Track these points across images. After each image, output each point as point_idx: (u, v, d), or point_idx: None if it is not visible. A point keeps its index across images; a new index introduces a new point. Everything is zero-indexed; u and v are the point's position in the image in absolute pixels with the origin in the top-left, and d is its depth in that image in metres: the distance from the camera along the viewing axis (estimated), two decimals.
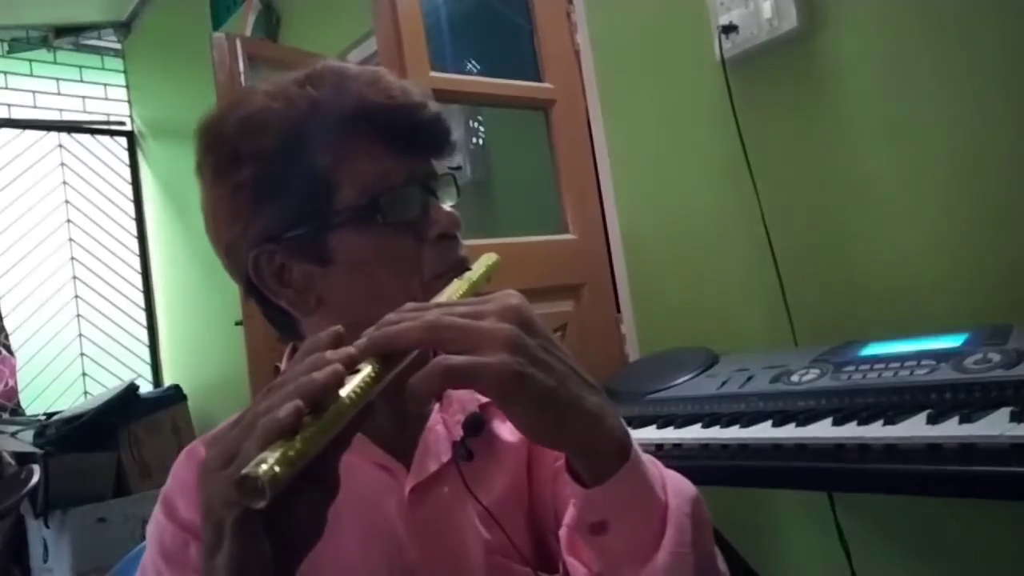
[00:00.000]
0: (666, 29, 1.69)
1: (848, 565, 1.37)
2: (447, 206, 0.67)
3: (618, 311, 1.86)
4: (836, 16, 1.40)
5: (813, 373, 1.15)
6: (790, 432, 1.01)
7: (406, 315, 0.50)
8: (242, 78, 2.43)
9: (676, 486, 0.56)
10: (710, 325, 1.61)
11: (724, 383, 1.25)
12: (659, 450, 1.12)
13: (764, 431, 1.04)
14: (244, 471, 0.40)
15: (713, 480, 1.05)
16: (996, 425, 0.82)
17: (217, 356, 3.77)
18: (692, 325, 1.65)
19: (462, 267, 0.65)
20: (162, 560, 0.63)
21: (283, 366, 0.71)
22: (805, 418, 1.02)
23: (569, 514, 0.64)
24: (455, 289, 0.59)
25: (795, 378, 1.16)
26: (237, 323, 2.39)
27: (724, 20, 1.55)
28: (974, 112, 1.23)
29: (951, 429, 0.85)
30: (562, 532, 0.64)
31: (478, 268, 0.63)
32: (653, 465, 0.56)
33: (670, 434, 1.14)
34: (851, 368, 1.12)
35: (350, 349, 0.47)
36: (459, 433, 0.68)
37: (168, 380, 4.35)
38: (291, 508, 0.45)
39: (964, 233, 1.25)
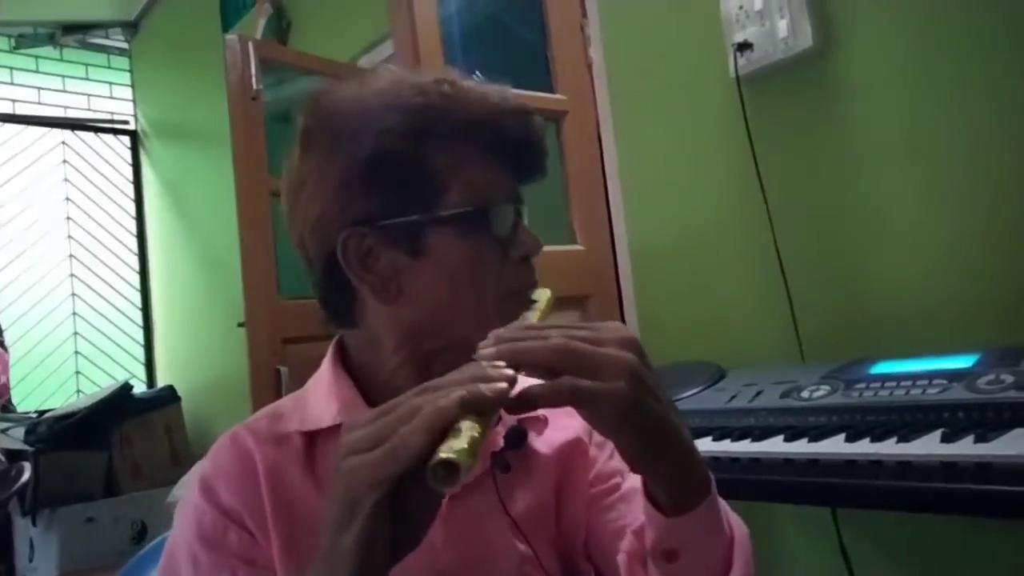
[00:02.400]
0: (681, 45, 1.70)
1: None
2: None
3: (623, 323, 1.86)
4: (851, 35, 1.41)
5: (824, 389, 1.16)
6: (802, 447, 1.01)
7: (528, 334, 0.53)
8: (253, 81, 2.43)
9: (736, 520, 0.61)
10: (716, 340, 1.62)
11: (733, 397, 1.25)
12: None
13: (776, 445, 1.04)
14: (445, 456, 0.44)
15: (723, 493, 1.04)
16: (1013, 445, 0.83)
17: (215, 358, 3.75)
18: (698, 339, 1.65)
19: (533, 290, 0.68)
20: (200, 544, 0.63)
21: (329, 358, 0.72)
22: (817, 434, 1.03)
23: (629, 541, 0.66)
24: (531, 319, 0.64)
25: (805, 394, 1.16)
26: (240, 325, 2.37)
27: (739, 38, 1.56)
28: (988, 133, 1.24)
29: (967, 448, 0.85)
30: (621, 558, 0.65)
31: (541, 301, 0.67)
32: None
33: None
34: (862, 385, 1.12)
35: (509, 371, 0.50)
36: (499, 444, 0.68)
37: (162, 381, 4.33)
38: (411, 500, 0.47)
39: (975, 254, 1.26)
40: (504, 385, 0.49)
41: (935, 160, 1.31)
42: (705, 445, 1.11)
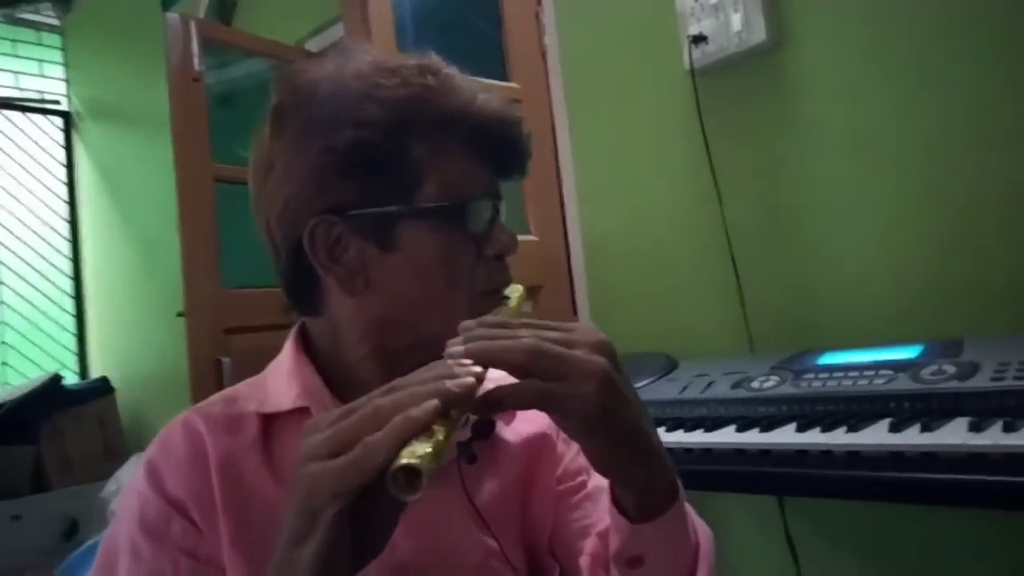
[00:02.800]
0: (636, 35, 1.70)
1: (796, 570, 1.39)
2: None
3: (574, 313, 1.86)
4: (802, 31, 1.43)
5: (773, 380, 1.17)
6: (754, 437, 1.02)
7: (499, 332, 0.51)
8: (195, 62, 2.35)
9: (701, 524, 0.61)
10: (667, 329, 1.63)
11: (685, 388, 1.26)
12: None
13: (728, 436, 1.05)
14: (407, 462, 0.41)
15: None
16: (956, 434, 0.85)
17: (152, 348, 3.63)
18: (649, 329, 1.66)
19: (506, 288, 0.66)
20: (141, 533, 0.60)
21: (291, 343, 0.69)
22: (768, 424, 1.04)
23: (593, 544, 0.65)
24: (511, 314, 0.63)
25: (755, 384, 1.17)
26: (179, 314, 2.29)
27: (694, 30, 1.56)
28: (932, 129, 1.28)
29: (913, 438, 0.87)
30: (584, 560, 0.65)
31: (513, 298, 0.66)
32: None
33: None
34: (810, 376, 1.14)
35: (477, 368, 0.48)
36: (466, 434, 0.66)
37: (95, 372, 4.17)
38: (374, 508, 0.45)
39: (918, 248, 1.29)
40: (472, 381, 0.47)
41: (880, 156, 1.34)
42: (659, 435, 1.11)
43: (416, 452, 0.42)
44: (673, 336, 1.60)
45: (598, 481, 0.75)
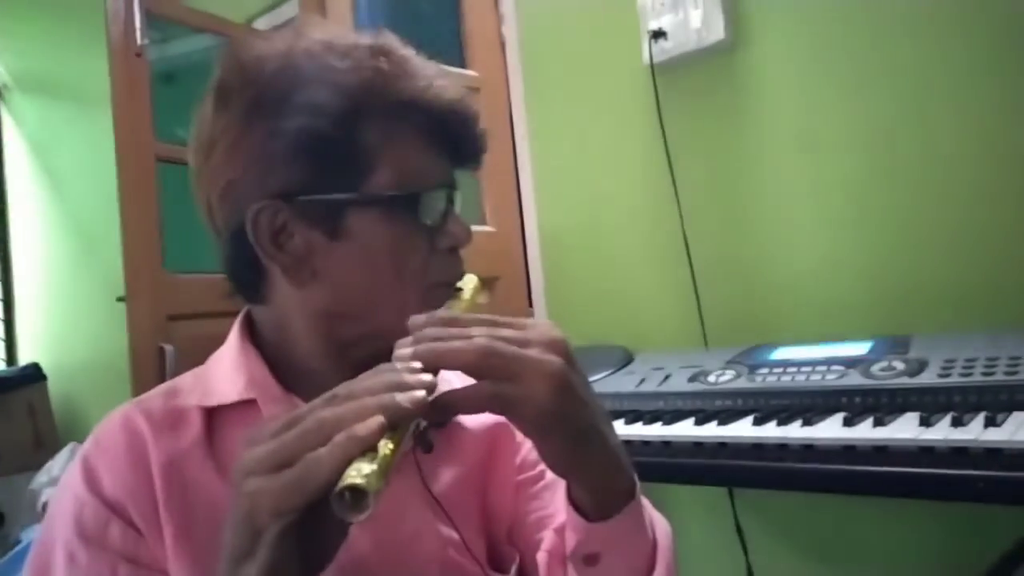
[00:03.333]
0: (596, 28, 1.70)
1: (744, 560, 1.43)
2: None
3: (530, 306, 1.86)
4: (760, 32, 1.46)
5: (729, 374, 1.19)
6: (712, 430, 1.03)
7: (450, 332, 0.49)
8: (138, 35, 2.25)
9: (659, 520, 0.61)
10: (623, 322, 1.64)
11: (642, 381, 1.27)
12: None
13: (686, 429, 1.06)
14: (353, 482, 0.39)
15: None
16: (907, 429, 0.88)
17: (88, 334, 3.48)
18: (605, 322, 1.67)
19: (459, 280, 0.65)
20: (79, 540, 0.56)
21: (236, 331, 0.66)
22: (725, 417, 1.06)
23: (551, 540, 0.65)
24: (455, 309, 0.61)
25: (712, 378, 1.20)
26: (119, 299, 2.20)
27: (654, 25, 1.57)
28: (878, 132, 1.31)
29: (866, 432, 0.90)
30: (541, 557, 0.64)
31: (467, 289, 0.64)
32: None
33: None
34: (765, 370, 1.16)
35: (428, 377, 0.46)
36: (421, 422, 0.65)
37: (25, 358, 3.99)
38: (320, 522, 0.43)
39: (868, 247, 1.33)
40: (422, 394, 0.45)
41: (832, 156, 1.37)
42: (617, 428, 1.11)
43: (362, 471, 0.40)
44: (628, 329, 1.61)
45: None
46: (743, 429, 1.01)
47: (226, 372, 0.64)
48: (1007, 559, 1.10)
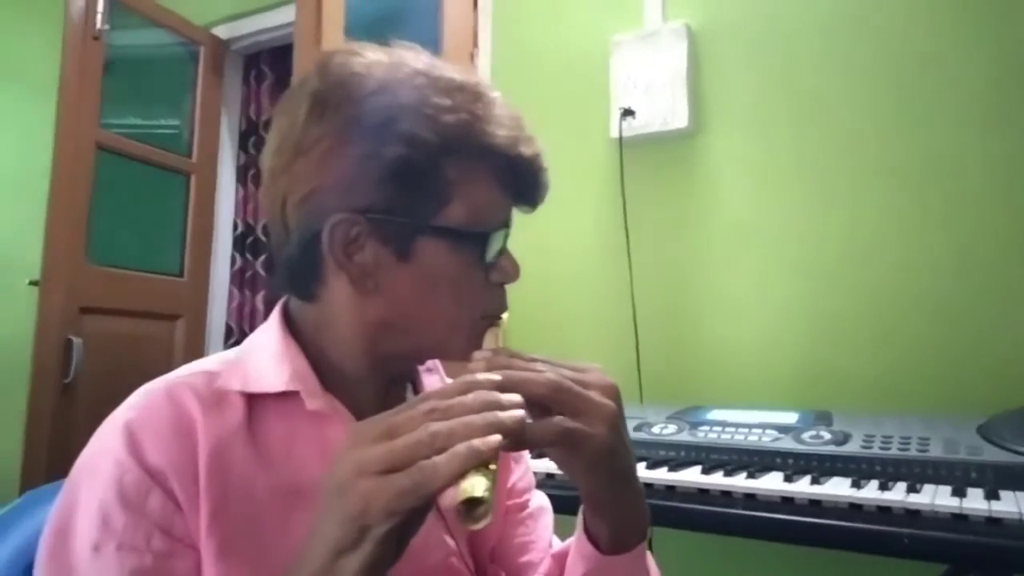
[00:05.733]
0: (568, 97, 1.83)
1: None
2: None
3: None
4: (718, 125, 1.63)
5: (672, 427, 1.29)
6: (662, 475, 1.12)
7: (517, 363, 0.55)
8: (99, 19, 2.20)
9: (651, 560, 0.67)
10: None
11: None
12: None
13: (639, 471, 1.14)
14: (479, 495, 0.44)
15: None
16: (839, 488, 1.00)
17: None
18: None
19: (503, 313, 0.69)
20: (119, 504, 0.56)
21: (276, 323, 0.68)
22: (675, 464, 1.15)
23: (547, 565, 0.70)
24: (493, 338, 0.66)
25: (656, 430, 1.29)
26: (32, 283, 2.09)
27: (625, 104, 1.72)
28: (813, 229, 1.50)
29: (804, 487, 1.01)
30: None
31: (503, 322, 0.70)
32: None
33: (543, 465, 1.21)
34: (706, 428, 1.27)
35: (518, 398, 0.50)
36: None
37: None
38: (411, 524, 0.46)
39: (797, 330, 1.49)
40: (523, 415, 0.49)
41: (771, 244, 1.54)
42: None
43: (481, 483, 0.44)
44: None
45: (539, 502, 0.81)
46: (692, 476, 1.10)
47: (267, 361, 0.65)
48: None
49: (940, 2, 1.43)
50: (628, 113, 1.71)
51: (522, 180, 0.67)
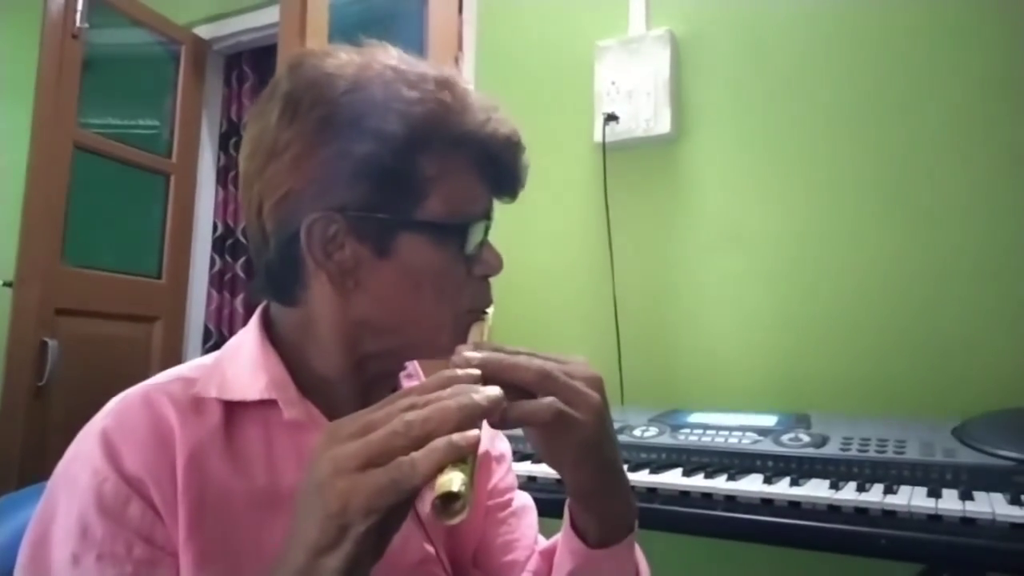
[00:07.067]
0: (552, 101, 1.84)
1: None
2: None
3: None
4: (701, 130, 1.65)
5: (653, 430, 1.30)
6: (643, 477, 1.13)
7: (501, 355, 0.54)
8: (78, 16, 2.18)
9: (640, 554, 0.67)
10: None
11: None
12: None
13: None
14: (455, 489, 0.43)
15: (558, 515, 1.13)
16: (818, 489, 1.01)
17: None
18: None
19: (488, 307, 0.68)
20: (98, 513, 0.55)
21: (255, 329, 0.67)
22: (656, 467, 1.16)
23: (535, 562, 0.70)
24: (479, 333, 0.65)
25: (637, 432, 1.30)
26: (6, 284, 2.06)
27: (608, 109, 1.73)
28: (793, 235, 1.52)
29: (783, 489, 1.02)
30: None
31: (488, 317, 0.69)
32: None
33: (524, 468, 1.21)
34: (686, 430, 1.28)
35: (495, 387, 0.50)
36: None
37: None
38: (391, 520, 0.46)
39: (776, 334, 1.51)
40: (498, 392, 0.49)
41: (752, 249, 1.56)
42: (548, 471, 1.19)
43: (458, 478, 0.43)
44: None
45: (521, 500, 0.81)
46: (674, 478, 1.11)
47: (245, 369, 0.64)
48: None
49: (921, 12, 1.46)
50: (612, 118, 1.72)
51: (499, 163, 0.66)
